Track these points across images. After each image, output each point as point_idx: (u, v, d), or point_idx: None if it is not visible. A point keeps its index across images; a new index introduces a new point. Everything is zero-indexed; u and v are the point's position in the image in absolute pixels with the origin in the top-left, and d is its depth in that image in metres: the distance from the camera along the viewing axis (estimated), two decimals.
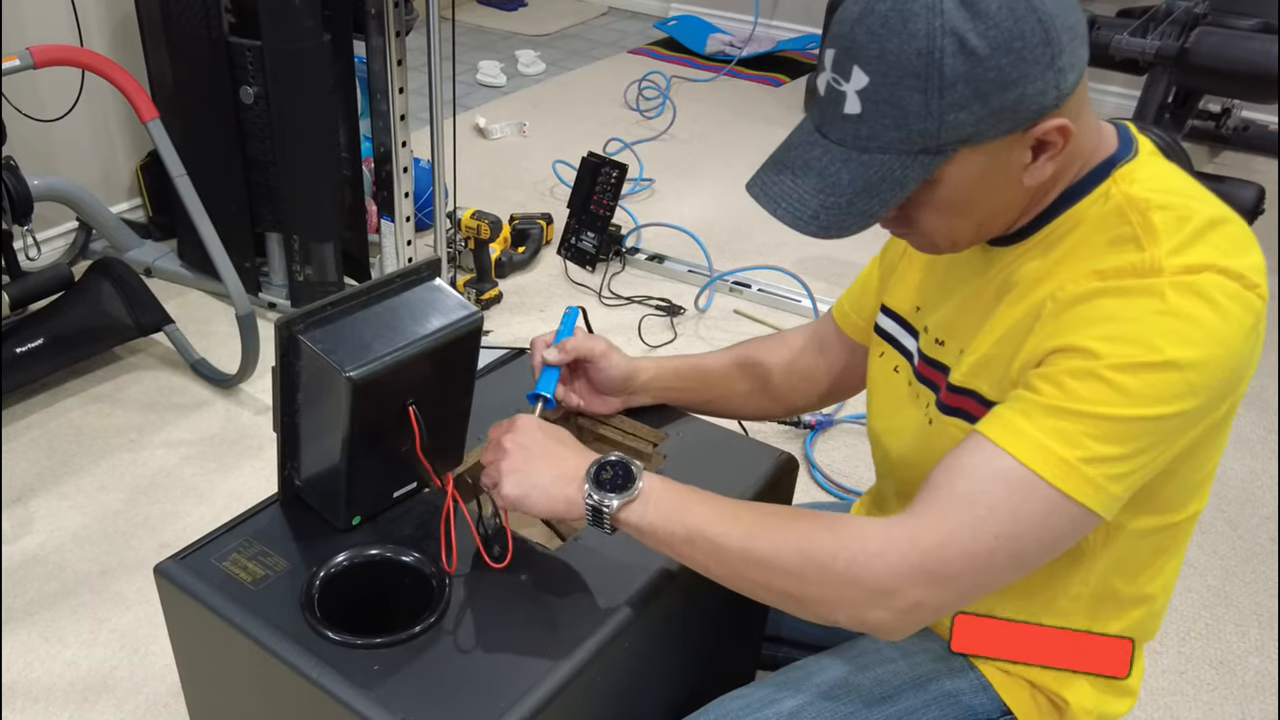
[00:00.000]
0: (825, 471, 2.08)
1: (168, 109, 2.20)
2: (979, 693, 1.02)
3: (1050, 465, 0.79)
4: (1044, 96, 0.78)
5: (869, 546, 0.80)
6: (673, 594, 0.95)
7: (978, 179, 0.82)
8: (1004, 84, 0.76)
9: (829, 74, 0.82)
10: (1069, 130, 0.80)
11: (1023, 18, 0.75)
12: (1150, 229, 0.81)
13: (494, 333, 2.49)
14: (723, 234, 2.94)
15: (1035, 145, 0.81)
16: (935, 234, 0.89)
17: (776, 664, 1.25)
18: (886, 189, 0.81)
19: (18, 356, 2.06)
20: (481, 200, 2.99)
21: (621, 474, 0.90)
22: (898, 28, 0.76)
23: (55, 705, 1.55)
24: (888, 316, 1.07)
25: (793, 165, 0.85)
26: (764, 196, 0.86)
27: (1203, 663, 1.71)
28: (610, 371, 1.14)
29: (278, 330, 0.90)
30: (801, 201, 0.83)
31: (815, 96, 0.85)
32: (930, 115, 0.77)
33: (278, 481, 1.02)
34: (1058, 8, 0.76)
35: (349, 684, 0.84)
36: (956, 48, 0.75)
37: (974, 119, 0.77)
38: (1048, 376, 0.81)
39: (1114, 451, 0.79)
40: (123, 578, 1.77)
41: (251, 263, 2.46)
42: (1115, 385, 0.78)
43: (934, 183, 0.82)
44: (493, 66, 4.08)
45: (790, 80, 4.15)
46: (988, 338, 0.90)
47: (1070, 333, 0.81)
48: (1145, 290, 0.79)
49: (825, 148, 0.83)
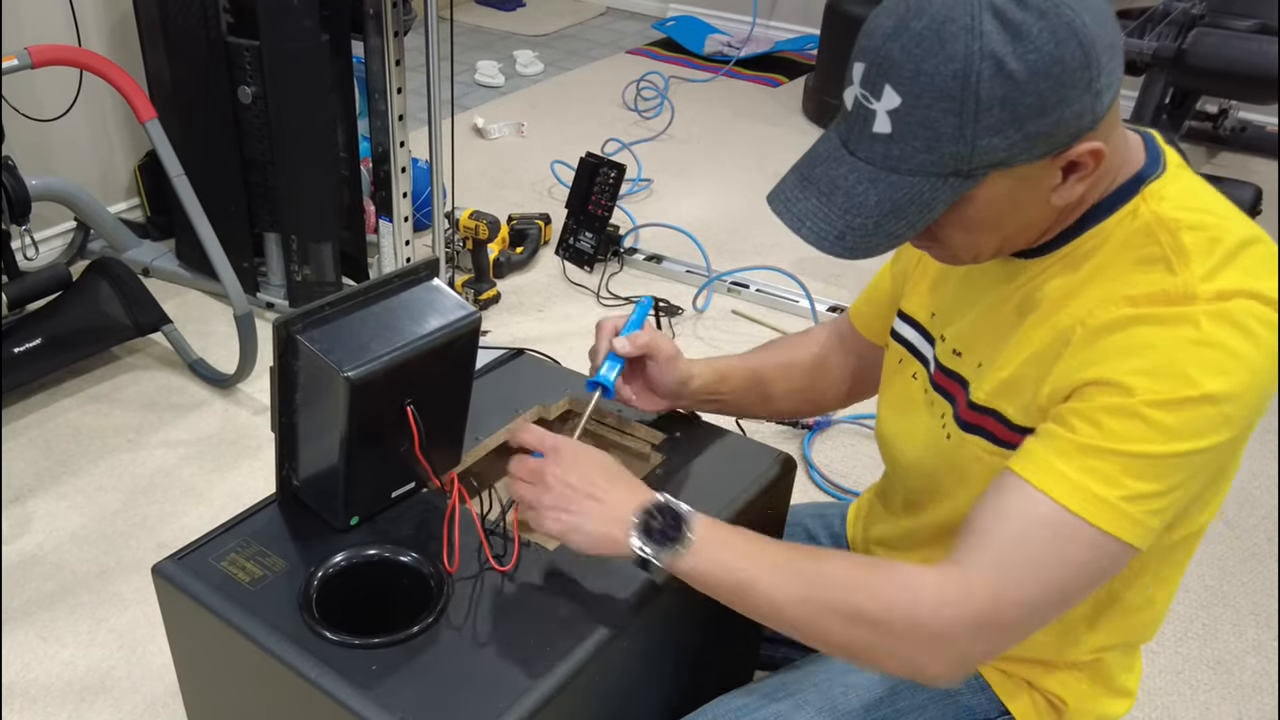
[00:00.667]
0: (823, 471, 2.08)
1: (166, 109, 2.20)
2: (977, 693, 1.02)
3: (1091, 506, 0.78)
4: (1080, 120, 0.75)
5: (922, 603, 0.80)
6: (671, 594, 0.95)
7: (1006, 199, 0.80)
8: (1041, 109, 0.74)
9: (858, 89, 0.79)
10: (1102, 153, 0.78)
11: (1064, 41, 0.72)
12: (1181, 251, 0.80)
13: (492, 333, 2.49)
14: (721, 234, 2.94)
15: (1066, 166, 0.79)
16: (958, 248, 0.87)
17: (775, 664, 1.25)
18: (914, 211, 0.79)
19: (16, 356, 2.05)
20: (480, 200, 2.99)
21: (671, 522, 0.87)
22: (934, 48, 0.73)
23: (53, 705, 1.55)
24: (905, 322, 1.05)
25: (818, 182, 0.83)
26: (788, 214, 0.84)
27: (1200, 663, 1.71)
28: (671, 375, 1.11)
29: (276, 330, 0.90)
30: (827, 221, 0.81)
31: (842, 109, 0.82)
32: (963, 139, 0.75)
33: (276, 481, 1.02)
34: (1099, 27, 0.74)
35: (347, 684, 0.84)
36: (994, 71, 0.72)
37: (1008, 143, 0.75)
38: (1083, 413, 0.79)
39: (1152, 488, 0.78)
40: (121, 578, 1.77)
41: (250, 263, 2.46)
42: (1152, 422, 0.77)
43: (962, 203, 0.80)
44: (491, 67, 4.08)
45: (788, 81, 4.15)
46: (1012, 358, 0.88)
47: (1103, 364, 0.79)
48: (1179, 319, 0.77)
49: (852, 165, 0.81)
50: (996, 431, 0.89)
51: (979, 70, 0.73)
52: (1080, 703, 1.01)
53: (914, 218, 0.79)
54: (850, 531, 1.23)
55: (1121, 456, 0.78)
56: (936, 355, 0.99)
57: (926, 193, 0.78)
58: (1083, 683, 1.01)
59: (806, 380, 1.19)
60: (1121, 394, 0.78)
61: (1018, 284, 0.90)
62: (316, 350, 0.90)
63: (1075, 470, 0.79)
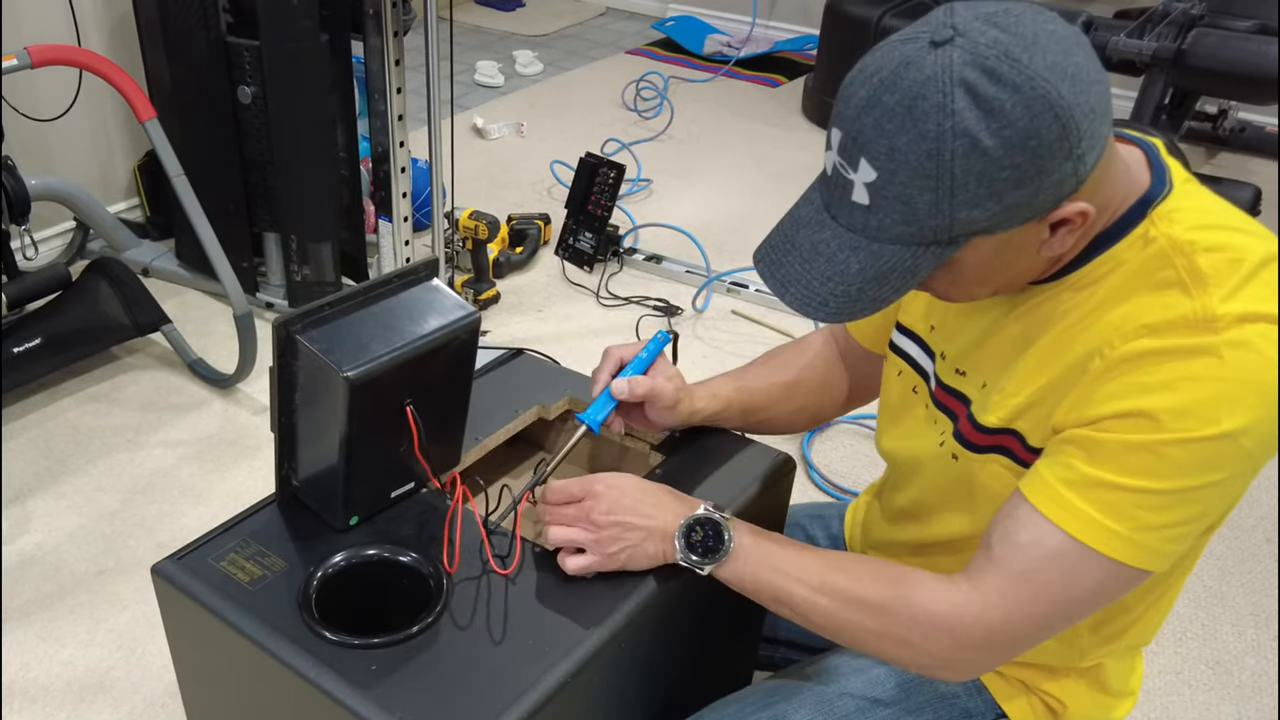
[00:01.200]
0: (822, 471, 2.08)
1: (165, 109, 2.20)
2: (974, 695, 1.02)
3: (1103, 539, 0.79)
4: (1062, 187, 0.74)
5: (939, 622, 0.85)
6: (670, 595, 0.95)
7: (993, 258, 0.80)
8: (1019, 181, 0.73)
9: (836, 157, 0.78)
10: (1089, 213, 0.76)
11: (1039, 114, 0.71)
12: (1198, 275, 0.78)
13: (491, 333, 2.49)
14: (720, 234, 2.94)
15: (1054, 224, 0.78)
16: (950, 296, 0.87)
17: (774, 665, 1.25)
18: (898, 277, 0.79)
19: (15, 356, 2.05)
20: (479, 200, 2.99)
21: (712, 534, 0.92)
22: (906, 125, 0.73)
23: (52, 705, 1.55)
24: (904, 335, 1.04)
25: (800, 248, 0.82)
26: (772, 279, 0.84)
27: (1199, 663, 1.71)
28: (670, 419, 1.09)
29: (275, 330, 0.90)
30: (809, 289, 0.81)
31: (823, 174, 0.82)
32: (941, 214, 0.75)
33: (275, 481, 1.02)
34: (1077, 95, 0.72)
35: (346, 684, 0.84)
36: (969, 148, 0.72)
37: (988, 215, 0.74)
38: (1101, 445, 0.79)
39: (1167, 519, 0.79)
40: (120, 578, 1.77)
41: (249, 263, 2.46)
42: (1170, 460, 0.77)
43: (948, 264, 0.79)
44: (490, 67, 4.08)
45: (788, 81, 4.15)
46: (1025, 383, 0.87)
47: (1124, 399, 0.78)
48: (1201, 351, 0.76)
49: (834, 231, 0.80)
50: (1015, 450, 0.89)
51: (952, 149, 0.72)
52: (1080, 706, 1.00)
53: (898, 283, 0.79)
54: (848, 533, 1.23)
55: (1136, 492, 0.78)
56: (937, 372, 0.99)
57: (909, 260, 0.78)
58: (1082, 687, 1.01)
59: (807, 399, 1.17)
60: (1141, 430, 0.77)
61: (1026, 307, 0.88)
62: (316, 350, 0.90)
63: (1088, 504, 0.79)
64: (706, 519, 0.92)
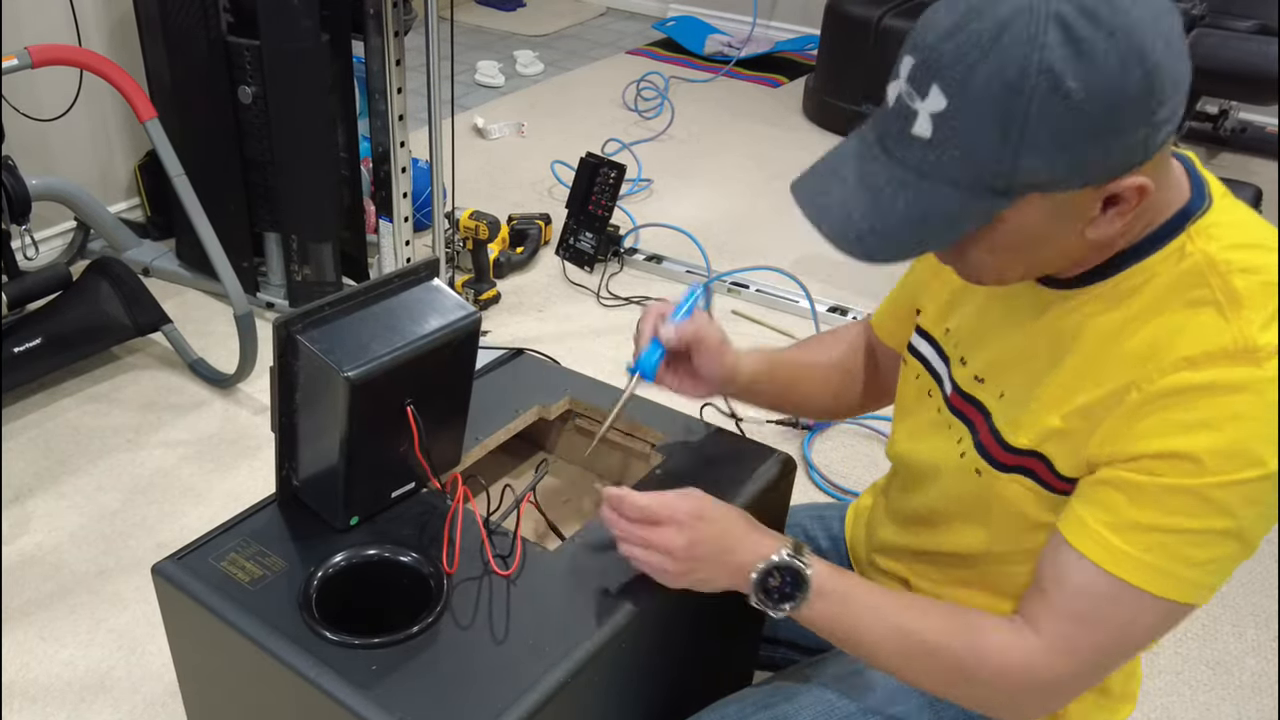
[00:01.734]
0: (823, 472, 2.08)
1: (166, 109, 2.20)
2: None
3: (1154, 579, 0.79)
4: (1132, 153, 0.71)
5: (1011, 674, 0.85)
6: (671, 596, 0.95)
7: (1039, 225, 0.76)
8: (1093, 135, 0.69)
9: (903, 84, 0.74)
10: (1148, 190, 0.73)
11: (1130, 66, 0.67)
12: (1233, 296, 0.76)
13: (492, 333, 2.49)
14: (720, 234, 2.94)
15: (1108, 199, 0.74)
16: (982, 269, 0.83)
17: (775, 665, 1.25)
18: (940, 224, 0.75)
19: (15, 356, 2.05)
20: (480, 200, 3.00)
21: (790, 581, 0.89)
22: (990, 53, 0.68)
23: (52, 705, 1.55)
24: (921, 337, 1.03)
25: (846, 177, 0.79)
26: (810, 205, 0.80)
27: (1199, 663, 1.71)
28: (718, 367, 1.08)
29: (276, 330, 0.90)
30: (848, 220, 0.77)
31: (883, 104, 0.77)
32: (1005, 155, 0.71)
33: (275, 481, 1.02)
34: (1170, 58, 0.69)
35: (347, 684, 0.84)
36: (1050, 88, 0.68)
37: (1051, 166, 0.71)
38: (1141, 490, 0.78)
39: (1214, 554, 0.78)
40: (120, 578, 1.77)
41: (250, 262, 2.46)
42: (1215, 502, 0.76)
43: (992, 223, 0.76)
44: (491, 67, 4.08)
45: (789, 81, 4.15)
46: (1056, 405, 0.84)
47: (1164, 438, 0.77)
48: (1242, 386, 0.74)
49: (885, 164, 0.77)
50: (1041, 473, 0.87)
51: (1034, 84, 0.68)
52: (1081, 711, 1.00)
53: (939, 231, 0.76)
54: (849, 534, 1.23)
55: (1182, 533, 0.77)
56: (954, 376, 0.97)
57: (956, 207, 0.74)
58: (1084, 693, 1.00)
59: (840, 384, 1.17)
60: (1185, 473, 0.76)
61: (1052, 316, 0.86)
62: (316, 350, 0.90)
63: (1134, 547, 0.79)
64: (789, 566, 0.89)
